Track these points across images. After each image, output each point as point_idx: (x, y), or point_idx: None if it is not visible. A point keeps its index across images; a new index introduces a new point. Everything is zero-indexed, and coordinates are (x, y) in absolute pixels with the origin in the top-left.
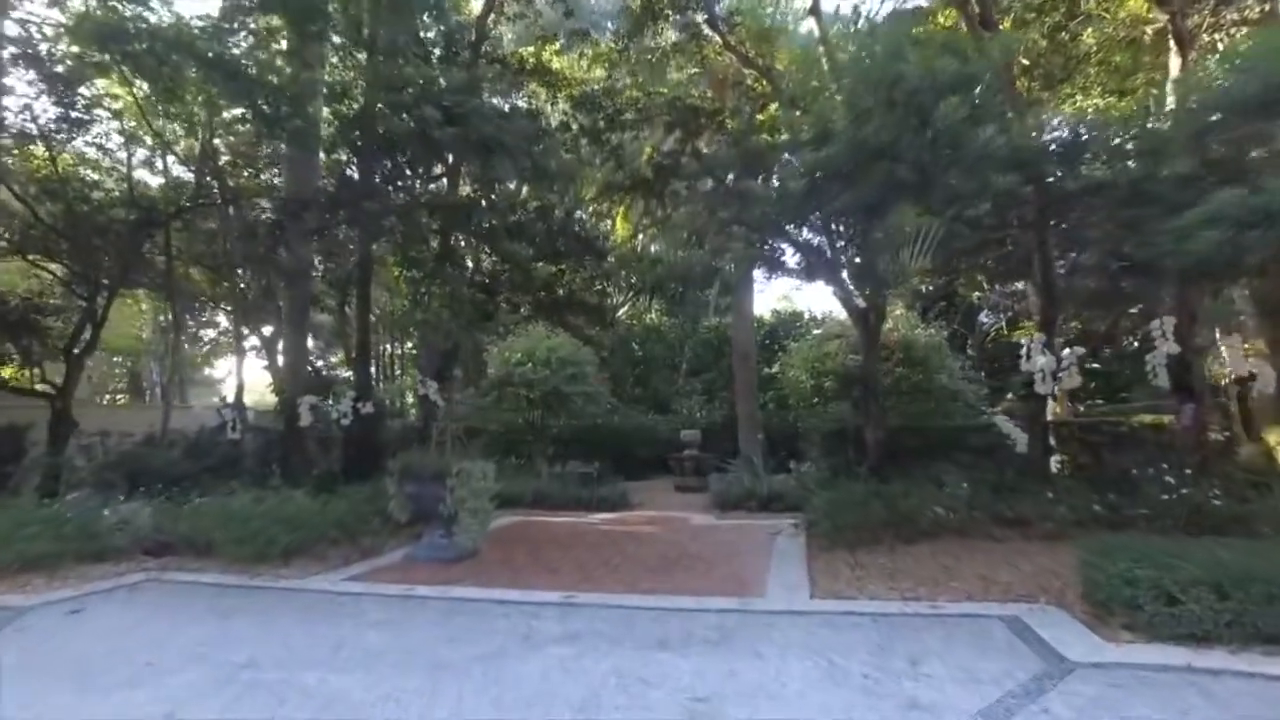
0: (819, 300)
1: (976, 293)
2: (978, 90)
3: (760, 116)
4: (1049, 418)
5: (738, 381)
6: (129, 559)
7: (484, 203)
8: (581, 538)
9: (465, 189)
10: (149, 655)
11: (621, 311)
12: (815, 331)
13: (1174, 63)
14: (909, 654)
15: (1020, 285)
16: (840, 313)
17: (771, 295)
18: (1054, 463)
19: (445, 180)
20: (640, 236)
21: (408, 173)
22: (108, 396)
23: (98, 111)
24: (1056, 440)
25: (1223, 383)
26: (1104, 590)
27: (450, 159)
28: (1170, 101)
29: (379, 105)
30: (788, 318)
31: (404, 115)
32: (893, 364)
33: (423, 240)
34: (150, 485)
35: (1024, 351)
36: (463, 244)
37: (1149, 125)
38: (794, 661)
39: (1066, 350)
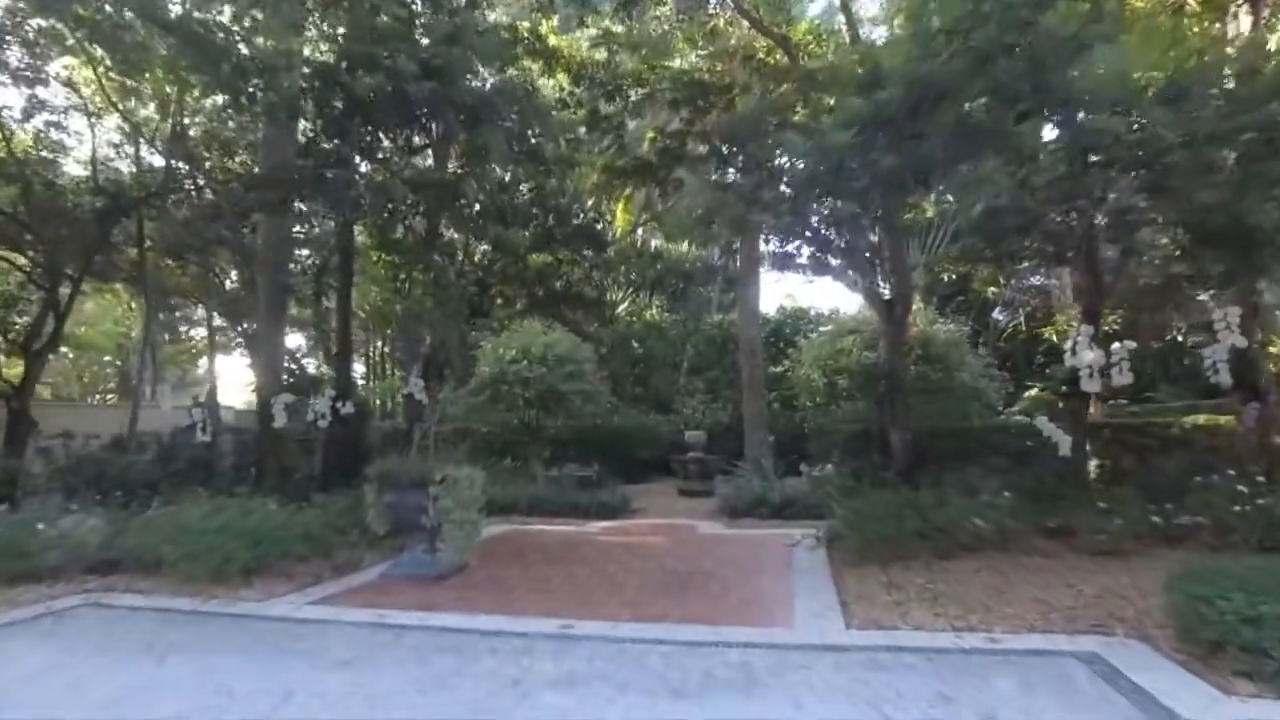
0: (825, 297)
1: (992, 288)
2: None
3: (773, 94)
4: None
5: (744, 380)
6: (69, 579)
7: (473, 181)
8: (579, 550)
9: (455, 168)
10: (52, 708)
11: (621, 308)
12: (825, 327)
13: (1243, 23)
14: (980, 708)
15: (1038, 280)
16: (849, 308)
17: (777, 292)
18: (1090, 467)
19: (431, 156)
20: (640, 231)
21: (385, 141)
22: (97, 396)
23: (61, 89)
24: (1094, 443)
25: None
26: (1215, 628)
27: (434, 130)
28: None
29: (351, 60)
30: (794, 314)
31: (377, 69)
32: (911, 360)
33: (402, 220)
34: (110, 492)
35: (1069, 345)
36: (451, 230)
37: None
38: (841, 716)
39: (1117, 344)
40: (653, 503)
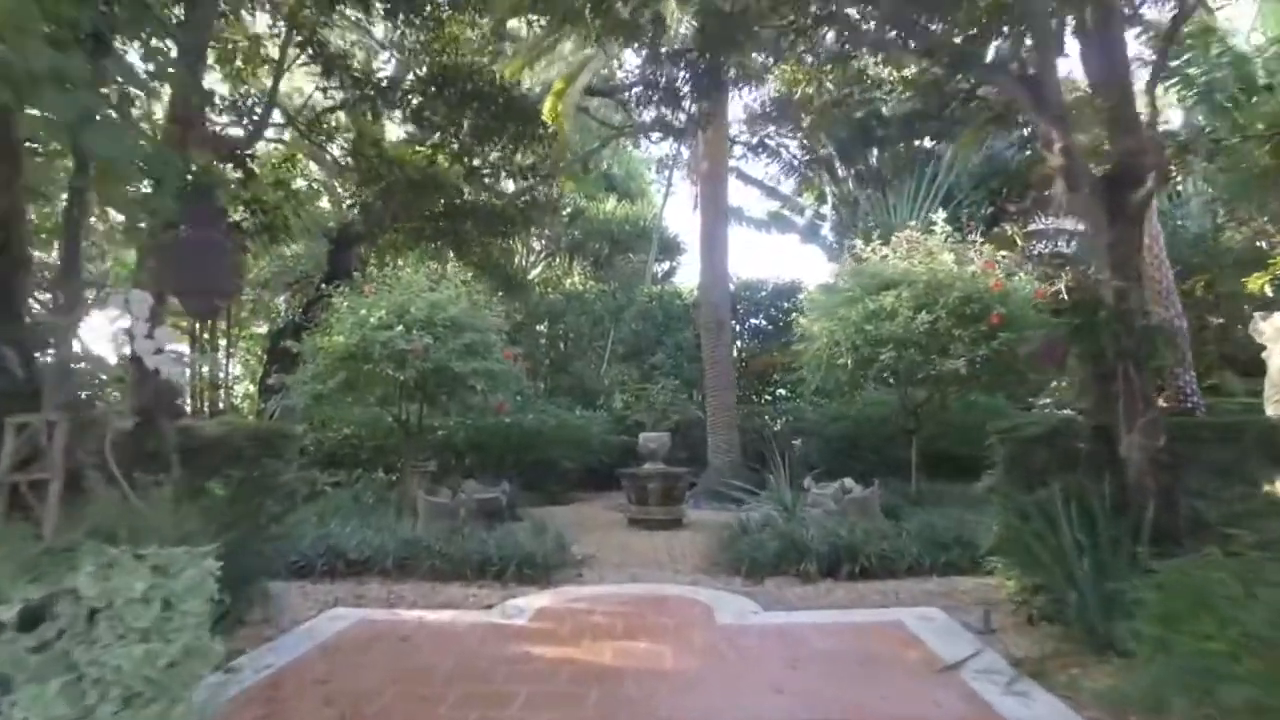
0: (770, 268)
1: (1004, 252)
2: None
3: None
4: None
5: (707, 363)
6: None
7: None
8: (504, 715)
9: None
10: None
11: (534, 273)
12: (843, 284)
13: None
14: None
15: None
16: (811, 280)
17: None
18: None
19: None
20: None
21: None
22: None
23: None
24: None
25: None
26: None
27: None
28: None
29: None
30: (748, 286)
31: None
32: (993, 325)
33: None
34: None
35: None
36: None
37: None
38: None
39: None
40: (598, 542)
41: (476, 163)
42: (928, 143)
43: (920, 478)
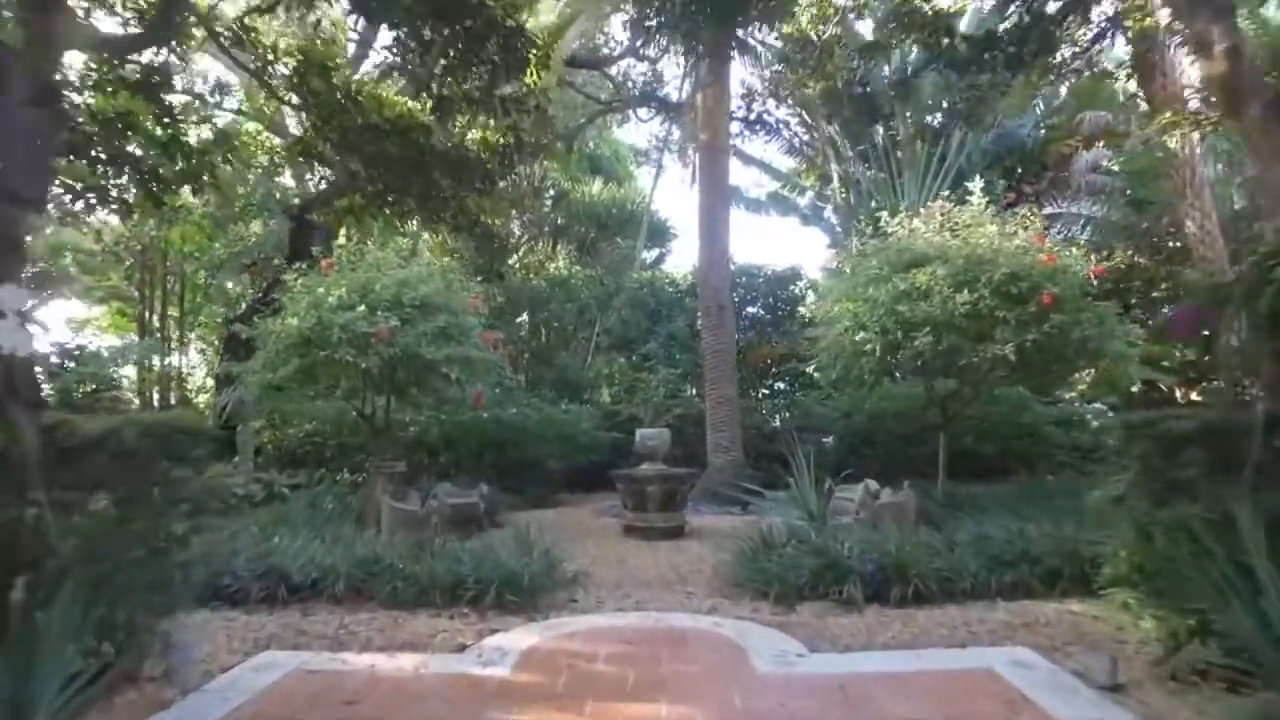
0: (773, 253)
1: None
2: None
3: None
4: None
5: (707, 352)
6: None
7: None
8: None
9: None
10: None
11: (515, 258)
12: (871, 261)
13: None
14: None
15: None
16: (811, 265)
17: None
18: None
19: None
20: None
21: None
22: None
23: None
24: None
25: None
26: None
27: None
28: None
29: None
30: (749, 270)
31: None
32: (1043, 306)
33: None
34: None
35: None
36: None
37: None
38: None
39: None
40: (591, 555)
41: (447, 93)
42: (937, 123)
43: (943, 478)
